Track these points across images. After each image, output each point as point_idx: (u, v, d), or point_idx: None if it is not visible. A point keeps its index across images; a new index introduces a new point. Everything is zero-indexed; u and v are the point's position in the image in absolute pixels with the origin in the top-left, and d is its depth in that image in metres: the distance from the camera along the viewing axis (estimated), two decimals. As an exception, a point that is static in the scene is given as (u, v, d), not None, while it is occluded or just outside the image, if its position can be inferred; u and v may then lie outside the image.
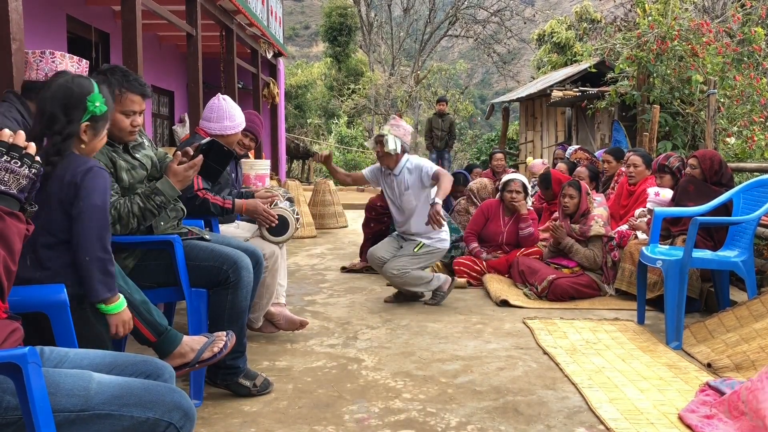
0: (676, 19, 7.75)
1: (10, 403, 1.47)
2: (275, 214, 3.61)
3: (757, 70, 7.83)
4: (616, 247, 5.00)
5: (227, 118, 3.66)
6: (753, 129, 7.06)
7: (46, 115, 1.98)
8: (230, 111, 3.67)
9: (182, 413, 1.60)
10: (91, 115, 2.02)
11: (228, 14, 7.27)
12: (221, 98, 3.71)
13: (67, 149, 2.00)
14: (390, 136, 4.61)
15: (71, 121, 1.99)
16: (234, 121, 3.68)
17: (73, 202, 1.99)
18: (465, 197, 6.80)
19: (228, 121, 3.66)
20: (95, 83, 2.07)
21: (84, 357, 1.74)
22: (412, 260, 4.64)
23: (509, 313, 4.54)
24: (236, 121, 3.70)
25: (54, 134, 1.97)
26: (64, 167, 1.97)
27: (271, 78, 10.45)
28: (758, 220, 3.90)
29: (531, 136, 14.07)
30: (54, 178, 1.95)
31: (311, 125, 23.35)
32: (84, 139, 2.04)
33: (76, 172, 1.97)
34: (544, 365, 3.42)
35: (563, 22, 21.27)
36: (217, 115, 3.65)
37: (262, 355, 3.60)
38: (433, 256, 4.77)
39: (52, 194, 1.95)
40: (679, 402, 2.88)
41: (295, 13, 50.88)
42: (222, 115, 3.65)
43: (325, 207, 9.26)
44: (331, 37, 24.72)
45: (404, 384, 3.15)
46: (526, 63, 26.79)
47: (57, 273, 2.02)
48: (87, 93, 2.01)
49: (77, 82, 2.03)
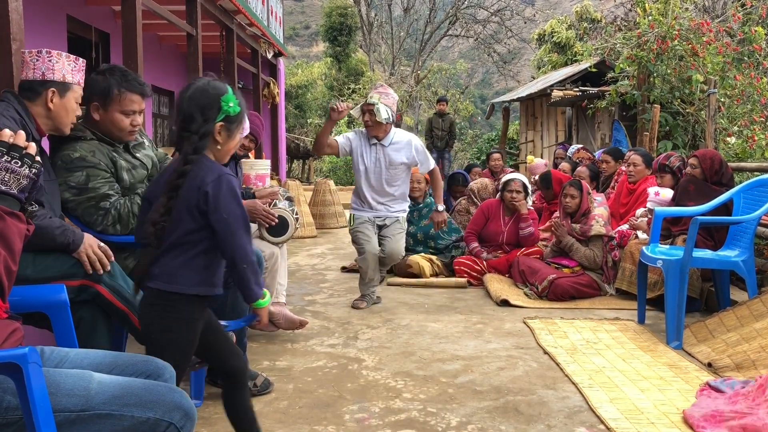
0: (677, 18, 7.74)
1: (10, 403, 1.47)
2: (275, 213, 3.60)
3: (758, 69, 7.82)
4: (616, 247, 5.00)
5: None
6: (753, 128, 7.05)
7: (184, 115, 2.06)
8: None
9: (183, 413, 1.60)
10: (225, 115, 2.10)
11: (228, 14, 7.27)
12: None
13: (203, 148, 2.06)
14: (381, 105, 4.41)
15: (207, 121, 2.06)
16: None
17: (202, 210, 2.02)
18: (465, 197, 6.80)
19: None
20: (229, 86, 2.15)
21: (84, 357, 1.74)
22: (403, 236, 4.74)
23: (509, 313, 4.54)
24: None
25: (191, 134, 2.05)
26: (195, 173, 2.02)
27: (272, 78, 10.44)
28: (758, 220, 3.89)
29: (531, 136, 14.06)
30: (186, 181, 2.01)
31: (311, 125, 23.32)
32: (219, 139, 2.10)
33: (206, 182, 2.01)
34: (545, 365, 3.42)
35: (563, 21, 21.25)
36: None
37: (263, 354, 3.60)
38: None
39: (182, 196, 2.01)
40: (680, 402, 2.88)
41: (295, 13, 50.86)
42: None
43: (326, 207, 9.27)
44: (332, 37, 24.69)
45: (405, 384, 3.15)
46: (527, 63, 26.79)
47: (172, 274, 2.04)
48: (221, 94, 2.09)
49: (212, 84, 2.11)
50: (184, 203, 2.01)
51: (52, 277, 2.32)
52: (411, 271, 5.63)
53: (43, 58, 2.44)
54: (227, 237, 2.02)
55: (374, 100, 4.44)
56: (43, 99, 2.45)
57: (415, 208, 5.93)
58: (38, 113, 2.46)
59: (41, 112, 2.46)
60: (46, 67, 2.44)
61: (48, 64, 2.44)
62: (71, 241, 2.36)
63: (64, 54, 2.49)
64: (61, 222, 2.41)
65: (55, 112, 2.47)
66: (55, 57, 2.46)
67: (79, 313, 2.36)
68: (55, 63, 2.45)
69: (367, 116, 4.48)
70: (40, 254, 2.35)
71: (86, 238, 2.42)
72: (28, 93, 2.45)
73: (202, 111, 2.05)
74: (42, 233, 2.30)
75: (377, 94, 4.51)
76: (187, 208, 2.01)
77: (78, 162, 2.58)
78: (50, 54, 2.45)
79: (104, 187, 2.62)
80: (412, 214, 5.91)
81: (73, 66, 2.51)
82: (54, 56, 2.46)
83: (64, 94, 2.48)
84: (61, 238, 2.34)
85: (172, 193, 1.99)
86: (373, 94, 4.52)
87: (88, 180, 2.59)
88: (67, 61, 2.49)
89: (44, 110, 2.46)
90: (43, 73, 2.44)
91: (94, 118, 2.68)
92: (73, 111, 2.53)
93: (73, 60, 2.52)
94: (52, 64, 2.45)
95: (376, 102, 4.42)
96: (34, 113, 2.45)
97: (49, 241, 2.33)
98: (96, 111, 2.67)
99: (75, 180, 2.58)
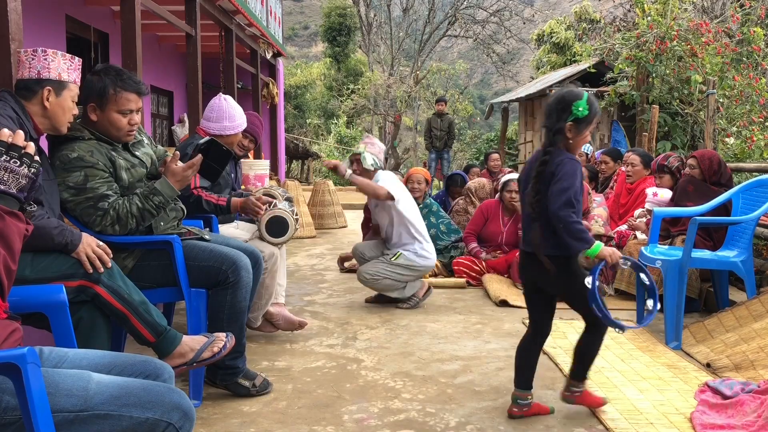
0: (675, 19, 7.75)
1: (9, 403, 1.47)
2: (264, 200, 3.59)
3: (756, 70, 7.83)
4: (615, 247, 4.99)
5: (227, 118, 3.65)
6: (752, 129, 7.05)
7: (547, 114, 2.67)
8: (230, 111, 3.66)
9: (181, 413, 1.59)
10: (575, 117, 2.60)
11: (227, 14, 7.27)
12: (222, 98, 3.70)
13: (556, 142, 2.62)
14: (367, 154, 4.69)
15: (559, 120, 2.62)
16: (234, 121, 3.68)
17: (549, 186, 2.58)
18: (463, 197, 6.80)
19: (227, 122, 3.65)
20: (585, 93, 2.64)
21: (83, 357, 1.73)
22: (388, 269, 4.61)
23: (508, 313, 4.54)
24: (236, 122, 3.69)
25: (548, 129, 2.65)
26: (549, 160, 2.59)
27: (271, 78, 10.43)
28: (757, 220, 3.90)
29: (530, 137, 14.06)
30: (546, 168, 2.59)
31: (310, 125, 23.33)
32: (568, 135, 2.63)
33: (554, 163, 2.58)
34: (544, 365, 3.42)
35: (562, 22, 21.25)
36: (217, 115, 3.64)
37: (262, 355, 3.60)
38: (413, 272, 4.66)
39: (545, 179, 2.59)
40: (679, 402, 2.88)
41: (294, 14, 50.84)
42: (222, 116, 3.64)
43: (325, 207, 9.27)
44: (331, 38, 24.70)
45: (403, 384, 3.15)
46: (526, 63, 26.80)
47: (540, 244, 2.61)
48: (574, 100, 2.60)
49: (568, 91, 2.67)
50: (546, 185, 2.57)
51: (50, 278, 2.31)
52: (410, 271, 5.62)
53: (38, 57, 2.43)
54: (550, 202, 2.53)
55: (360, 149, 4.76)
56: (39, 98, 2.44)
57: (414, 208, 5.92)
58: (35, 112, 2.45)
59: (38, 111, 2.45)
60: (41, 65, 2.44)
61: (43, 62, 2.44)
62: (69, 241, 2.36)
63: (60, 53, 2.49)
64: (58, 222, 2.40)
65: (52, 111, 2.47)
66: (50, 56, 2.45)
67: (78, 313, 2.35)
68: (51, 62, 2.45)
69: (355, 165, 4.75)
70: (39, 255, 2.34)
71: (85, 237, 2.41)
72: (24, 92, 2.44)
73: (558, 112, 2.62)
74: (39, 233, 2.29)
75: (363, 144, 4.82)
76: (546, 188, 2.57)
77: (76, 162, 2.58)
78: (45, 53, 2.44)
79: (102, 187, 2.61)
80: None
81: (68, 65, 2.50)
82: (49, 55, 2.45)
83: (60, 92, 2.47)
84: (59, 238, 2.34)
85: (537, 178, 2.60)
86: (359, 145, 4.85)
87: (86, 180, 2.58)
88: (62, 59, 2.48)
89: (41, 109, 2.45)
90: (38, 72, 2.44)
91: (92, 119, 2.67)
92: (69, 110, 2.52)
93: (69, 59, 2.51)
94: (47, 62, 2.44)
95: (362, 151, 4.73)
96: (30, 112, 2.44)
97: (47, 242, 2.33)
98: (93, 112, 2.67)
99: (73, 180, 2.58)
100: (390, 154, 19.12)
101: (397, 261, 4.63)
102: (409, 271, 4.65)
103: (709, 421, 2.62)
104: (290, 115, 22.45)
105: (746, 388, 2.81)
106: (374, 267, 4.64)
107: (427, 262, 4.70)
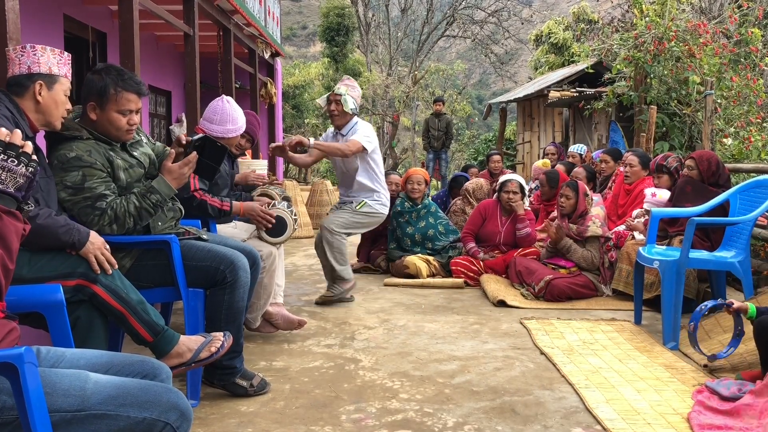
0: (673, 20, 7.75)
1: (6, 403, 1.47)
2: (273, 214, 3.61)
3: (754, 71, 7.84)
4: (613, 248, 5.00)
5: (230, 121, 3.68)
6: (750, 130, 7.06)
7: None
8: (233, 114, 3.69)
9: (179, 413, 1.59)
10: None
11: (225, 14, 7.26)
12: (224, 100, 3.71)
13: None
14: (348, 96, 4.56)
15: None
16: (236, 124, 3.71)
17: None
18: (461, 198, 6.80)
19: (231, 125, 3.68)
20: None
21: (81, 357, 1.73)
22: (352, 218, 4.67)
23: (506, 314, 4.54)
24: (238, 124, 3.72)
25: None
26: None
27: (269, 78, 10.43)
28: (755, 221, 3.90)
29: (528, 137, 14.07)
30: None
31: (309, 125, 23.32)
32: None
33: None
34: (541, 365, 3.43)
35: (561, 22, 21.26)
36: (221, 117, 3.66)
37: (259, 355, 3.60)
38: (372, 219, 4.75)
39: None
40: (676, 402, 2.88)
41: (292, 13, 50.82)
42: (225, 119, 3.66)
43: (323, 207, 9.26)
44: (329, 38, 24.68)
45: (401, 384, 3.15)
46: (524, 63, 26.83)
47: None
48: None
49: None
50: None
51: (47, 277, 2.31)
52: (408, 271, 5.63)
53: (27, 53, 2.43)
54: None
55: (342, 91, 4.59)
56: (32, 92, 2.43)
57: (413, 209, 5.93)
58: (28, 108, 2.44)
59: (31, 106, 2.44)
60: (31, 61, 2.43)
61: (33, 57, 2.43)
62: (76, 240, 2.35)
63: (48, 48, 2.48)
64: (66, 220, 2.39)
65: (45, 105, 2.46)
66: (39, 51, 2.45)
67: (76, 313, 2.35)
68: (40, 56, 2.44)
69: (333, 105, 4.61)
70: (36, 254, 2.34)
71: (92, 236, 2.40)
72: (15, 88, 2.43)
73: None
74: (45, 232, 2.28)
75: (344, 86, 4.65)
76: None
77: (74, 161, 2.57)
78: (34, 48, 2.44)
79: (100, 186, 2.61)
80: (410, 215, 5.91)
81: (58, 59, 2.50)
82: (38, 50, 2.45)
83: (52, 86, 2.46)
84: (65, 237, 2.33)
85: None
86: (340, 86, 4.66)
87: (84, 180, 2.58)
88: (51, 54, 2.48)
89: (33, 104, 2.44)
90: (29, 67, 2.43)
91: (91, 118, 2.67)
92: (62, 103, 2.51)
93: (58, 53, 2.50)
94: (37, 57, 2.44)
95: (344, 93, 4.57)
96: (24, 108, 2.43)
97: (53, 240, 2.32)
98: (93, 111, 2.66)
99: (71, 180, 2.57)
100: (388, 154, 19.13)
101: (362, 209, 4.67)
102: (369, 218, 4.73)
103: (707, 421, 2.63)
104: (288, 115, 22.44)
105: (743, 389, 2.81)
106: (339, 217, 4.67)
107: (385, 210, 4.82)
